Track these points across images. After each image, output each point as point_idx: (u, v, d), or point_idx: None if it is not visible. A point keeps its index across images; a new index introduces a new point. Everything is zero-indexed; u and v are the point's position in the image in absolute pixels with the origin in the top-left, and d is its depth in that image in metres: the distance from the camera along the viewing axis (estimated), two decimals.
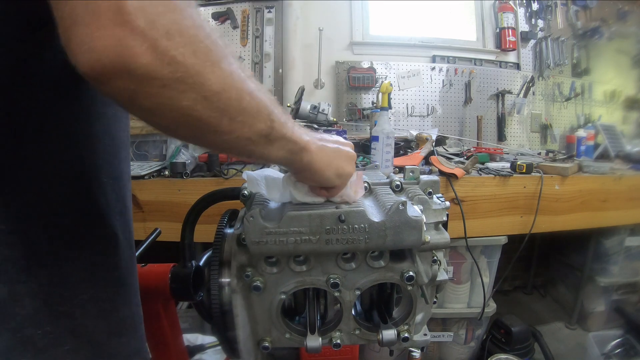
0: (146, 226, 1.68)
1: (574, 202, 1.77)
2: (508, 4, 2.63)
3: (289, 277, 0.55)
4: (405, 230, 0.50)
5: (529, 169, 1.73)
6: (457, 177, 1.59)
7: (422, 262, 0.56)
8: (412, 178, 0.66)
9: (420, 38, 2.61)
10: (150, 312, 0.72)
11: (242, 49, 2.54)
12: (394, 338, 0.56)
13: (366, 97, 2.55)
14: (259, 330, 0.58)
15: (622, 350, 1.77)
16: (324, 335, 0.58)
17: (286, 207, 0.53)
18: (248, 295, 0.56)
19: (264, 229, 0.49)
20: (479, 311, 1.78)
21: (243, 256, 0.54)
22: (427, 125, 2.57)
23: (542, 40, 2.68)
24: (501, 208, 1.68)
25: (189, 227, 0.83)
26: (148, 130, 1.88)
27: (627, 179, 1.88)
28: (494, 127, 2.67)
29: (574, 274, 2.34)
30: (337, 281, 0.54)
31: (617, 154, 2.20)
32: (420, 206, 0.57)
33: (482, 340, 1.93)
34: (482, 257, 1.81)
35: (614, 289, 2.13)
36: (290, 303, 0.61)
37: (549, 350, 1.89)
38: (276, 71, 2.53)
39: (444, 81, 2.58)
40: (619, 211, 1.87)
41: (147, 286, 0.70)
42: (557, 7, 2.72)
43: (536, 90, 2.71)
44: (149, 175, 1.70)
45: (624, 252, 2.09)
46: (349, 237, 0.50)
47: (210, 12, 2.55)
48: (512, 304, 2.57)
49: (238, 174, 1.67)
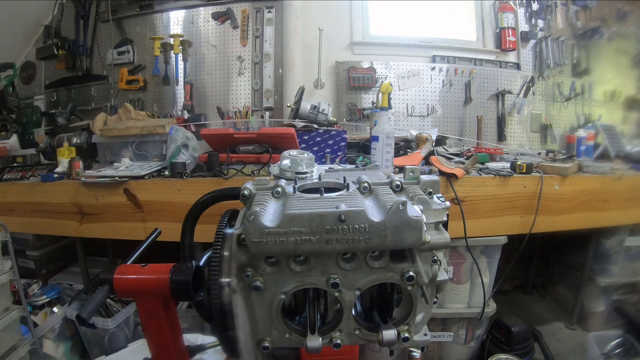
0: (146, 226, 1.68)
1: (574, 202, 1.77)
2: (508, 4, 2.63)
3: (289, 277, 0.55)
4: (406, 230, 0.50)
5: (529, 169, 1.73)
6: (457, 177, 1.59)
7: (422, 262, 0.56)
8: (412, 178, 0.66)
9: (420, 38, 2.61)
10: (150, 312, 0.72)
11: (242, 49, 2.54)
12: (394, 338, 0.56)
13: (366, 97, 2.55)
14: (259, 330, 0.58)
15: (622, 350, 1.77)
16: (324, 335, 0.58)
17: (286, 207, 0.53)
18: (248, 295, 0.56)
19: (264, 229, 0.49)
20: (479, 311, 1.78)
21: (243, 256, 0.54)
22: (427, 125, 2.57)
23: (542, 40, 2.68)
24: (501, 208, 1.68)
25: (189, 227, 0.83)
26: (148, 131, 1.88)
27: (627, 179, 1.88)
28: (494, 127, 2.67)
29: (574, 274, 2.34)
30: (337, 281, 0.54)
31: (617, 154, 2.20)
32: (420, 206, 0.57)
33: (482, 340, 1.93)
34: (482, 257, 1.81)
35: (614, 289, 2.13)
36: (290, 303, 0.61)
37: (549, 350, 1.88)
38: (276, 71, 2.53)
39: (444, 81, 2.58)
40: (619, 211, 1.87)
41: (147, 286, 0.70)
42: (557, 7, 2.72)
43: (536, 90, 2.71)
44: (149, 175, 1.70)
45: (624, 252, 2.09)
46: (349, 237, 0.50)
47: (210, 12, 2.55)
48: (512, 304, 2.57)
49: (238, 174, 1.67)
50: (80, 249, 2.09)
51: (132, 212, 1.68)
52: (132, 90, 2.63)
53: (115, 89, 2.65)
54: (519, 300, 2.66)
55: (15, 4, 2.48)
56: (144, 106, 2.62)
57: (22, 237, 2.12)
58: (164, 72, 2.57)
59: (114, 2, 2.61)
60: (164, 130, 1.86)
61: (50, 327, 1.84)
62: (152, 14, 2.61)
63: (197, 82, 2.59)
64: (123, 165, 1.82)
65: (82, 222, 1.75)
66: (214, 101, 2.57)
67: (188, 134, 1.89)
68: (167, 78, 2.58)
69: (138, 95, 2.64)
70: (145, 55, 2.62)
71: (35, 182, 1.82)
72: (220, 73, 2.57)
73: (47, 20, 2.72)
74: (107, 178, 1.67)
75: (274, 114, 2.50)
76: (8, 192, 1.86)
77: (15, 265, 1.63)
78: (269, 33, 2.52)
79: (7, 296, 1.63)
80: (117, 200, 1.68)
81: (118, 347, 1.45)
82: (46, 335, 1.83)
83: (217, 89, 2.58)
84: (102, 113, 2.17)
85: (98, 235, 1.77)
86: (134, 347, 1.38)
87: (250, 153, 1.76)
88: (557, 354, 1.94)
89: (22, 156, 2.23)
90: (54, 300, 2.01)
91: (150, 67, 2.60)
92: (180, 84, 2.59)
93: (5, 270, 1.59)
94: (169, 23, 2.60)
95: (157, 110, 2.59)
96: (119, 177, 1.67)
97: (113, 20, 2.61)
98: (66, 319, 1.92)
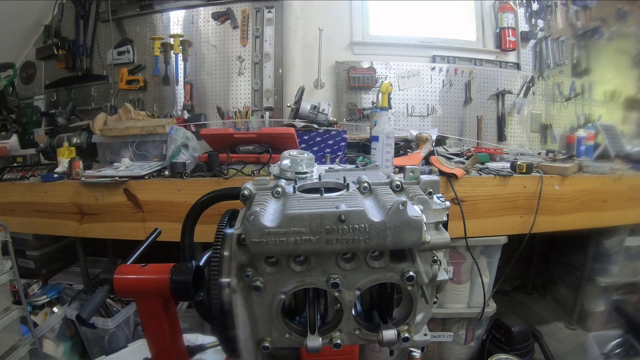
0: (146, 226, 1.68)
1: (574, 202, 1.77)
2: (508, 4, 2.62)
3: (289, 277, 0.55)
4: (406, 230, 0.50)
5: (529, 169, 1.73)
6: (457, 177, 1.59)
7: (422, 262, 0.56)
8: (412, 178, 0.66)
9: (420, 38, 2.61)
10: (150, 312, 0.72)
11: (242, 49, 2.54)
12: (394, 338, 0.56)
13: (366, 97, 2.55)
14: (259, 330, 0.58)
15: (622, 350, 1.77)
16: (324, 335, 0.58)
17: (286, 207, 0.53)
18: (248, 295, 0.56)
19: (264, 229, 0.49)
20: (479, 311, 1.78)
21: (243, 256, 0.54)
22: (427, 125, 2.57)
23: (542, 40, 2.68)
24: (501, 208, 1.68)
25: (189, 227, 0.83)
26: (148, 131, 1.88)
27: (627, 179, 1.88)
28: (494, 127, 2.67)
29: (574, 274, 2.34)
30: (337, 281, 0.54)
31: (617, 154, 2.19)
32: (420, 206, 0.57)
33: (482, 340, 1.93)
34: (482, 257, 1.81)
35: (614, 289, 2.13)
36: (290, 303, 0.61)
37: (549, 350, 1.88)
38: (276, 71, 2.53)
39: (444, 81, 2.58)
40: (619, 211, 1.87)
41: (147, 286, 0.70)
42: (557, 7, 2.72)
43: (536, 90, 2.71)
44: (149, 175, 1.69)
45: (624, 252, 2.09)
46: (349, 237, 0.50)
47: (210, 12, 2.55)
48: (512, 304, 2.57)
49: (238, 174, 1.67)
50: (80, 249, 2.09)
51: (132, 212, 1.68)
52: (132, 90, 2.63)
53: (115, 89, 2.65)
54: (519, 300, 2.66)
55: (15, 4, 2.48)
56: (144, 106, 2.62)
57: (22, 237, 2.12)
58: (164, 72, 2.57)
59: (114, 2, 2.61)
60: (164, 130, 1.86)
61: (50, 327, 1.84)
62: (152, 14, 2.61)
63: (197, 82, 2.59)
64: (123, 165, 1.82)
65: (82, 222, 1.75)
66: (214, 101, 2.57)
67: (188, 134, 1.89)
68: (167, 78, 2.58)
69: (138, 95, 2.64)
70: (145, 55, 2.62)
71: (35, 182, 1.82)
72: (220, 73, 2.57)
73: (47, 20, 2.72)
74: (107, 178, 1.67)
75: (274, 114, 2.50)
76: (8, 192, 1.86)
77: (15, 265, 1.63)
78: (269, 33, 2.51)
79: (7, 296, 1.63)
80: (117, 200, 1.68)
81: (118, 347, 1.45)
82: (46, 335, 1.83)
83: (217, 89, 2.58)
84: (102, 113, 2.17)
85: (98, 235, 1.77)
86: (134, 347, 1.38)
87: (250, 153, 1.76)
88: (557, 354, 1.94)
89: (22, 156, 2.23)
90: (54, 300, 2.01)
91: (150, 67, 2.60)
92: (180, 84, 2.59)
93: (5, 270, 1.59)
94: (169, 23, 2.60)
95: (157, 110, 2.59)
96: (119, 177, 1.67)
97: (113, 20, 2.61)
98: (66, 319, 1.92)
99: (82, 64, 2.66)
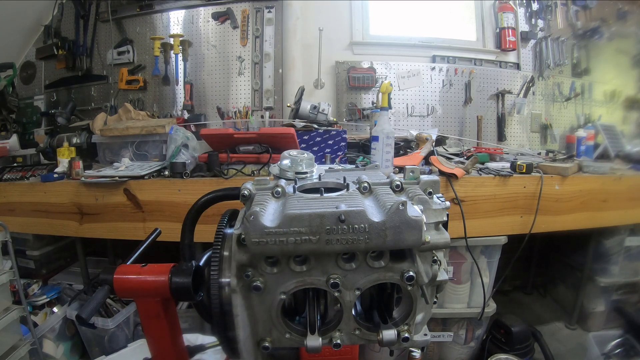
0: (146, 226, 1.68)
1: (574, 202, 1.77)
2: (508, 4, 2.63)
3: (289, 277, 0.55)
4: (405, 230, 0.50)
5: (529, 169, 1.73)
6: (457, 177, 1.59)
7: (422, 262, 0.56)
8: (412, 178, 0.66)
9: (420, 38, 2.61)
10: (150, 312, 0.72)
11: (242, 49, 2.54)
12: (394, 338, 0.56)
13: (366, 97, 2.55)
14: (259, 330, 0.58)
15: (622, 350, 1.77)
16: (324, 335, 0.57)
17: (286, 207, 0.53)
18: (248, 295, 0.56)
19: (264, 229, 0.49)
20: (479, 311, 1.78)
21: (243, 256, 0.54)
22: (427, 125, 2.57)
23: (542, 40, 2.68)
24: (501, 208, 1.68)
25: (189, 227, 0.83)
26: (148, 131, 1.88)
27: (627, 179, 1.88)
28: (494, 127, 2.67)
29: (574, 274, 2.34)
30: (337, 281, 0.54)
31: (617, 154, 2.20)
32: (420, 206, 0.57)
33: (482, 340, 1.93)
34: (482, 257, 1.81)
35: (614, 289, 2.13)
36: (290, 303, 0.61)
37: (549, 350, 1.88)
38: (276, 71, 2.53)
39: (444, 81, 2.58)
40: (619, 211, 1.87)
41: (147, 286, 0.70)
42: (557, 7, 2.72)
43: (536, 90, 2.71)
44: (149, 175, 1.69)
45: (624, 252, 2.09)
46: (349, 237, 0.50)
47: (210, 12, 2.55)
48: (512, 304, 2.57)
49: (238, 174, 1.67)
50: (80, 249, 2.09)
51: (132, 212, 1.68)
52: (132, 90, 2.63)
53: (115, 89, 2.65)
54: (518, 300, 2.66)
55: (15, 4, 2.48)
56: (144, 106, 2.62)
57: (22, 237, 2.12)
58: (164, 72, 2.57)
59: (114, 2, 2.61)
60: (164, 130, 1.86)
61: (50, 327, 1.84)
62: (152, 14, 2.61)
63: (197, 82, 2.59)
64: (123, 165, 1.82)
65: (82, 222, 1.75)
66: (214, 101, 2.57)
67: (188, 134, 1.89)
68: (167, 78, 2.58)
69: (138, 95, 2.64)
70: (145, 55, 2.62)
71: (35, 182, 1.82)
72: (220, 73, 2.57)
73: (47, 20, 2.72)
74: (107, 178, 1.67)
75: (274, 114, 2.50)
76: (8, 192, 1.86)
77: (15, 265, 1.64)
78: (269, 33, 2.52)
79: (7, 296, 1.63)
80: (117, 200, 1.68)
81: (118, 347, 1.45)
82: (46, 335, 1.83)
83: (217, 89, 2.58)
84: (102, 113, 2.17)
85: (98, 235, 1.77)
86: (134, 347, 1.39)
87: (250, 153, 1.76)
88: (557, 354, 1.94)
89: (22, 156, 2.23)
90: (54, 300, 2.01)
91: (150, 67, 2.60)
92: (180, 84, 2.59)
93: (5, 270, 1.59)
94: (169, 23, 2.60)
95: (157, 110, 2.59)
96: (119, 177, 1.67)
97: (113, 20, 2.61)
98: (66, 319, 1.92)
99: (82, 64, 2.66)
